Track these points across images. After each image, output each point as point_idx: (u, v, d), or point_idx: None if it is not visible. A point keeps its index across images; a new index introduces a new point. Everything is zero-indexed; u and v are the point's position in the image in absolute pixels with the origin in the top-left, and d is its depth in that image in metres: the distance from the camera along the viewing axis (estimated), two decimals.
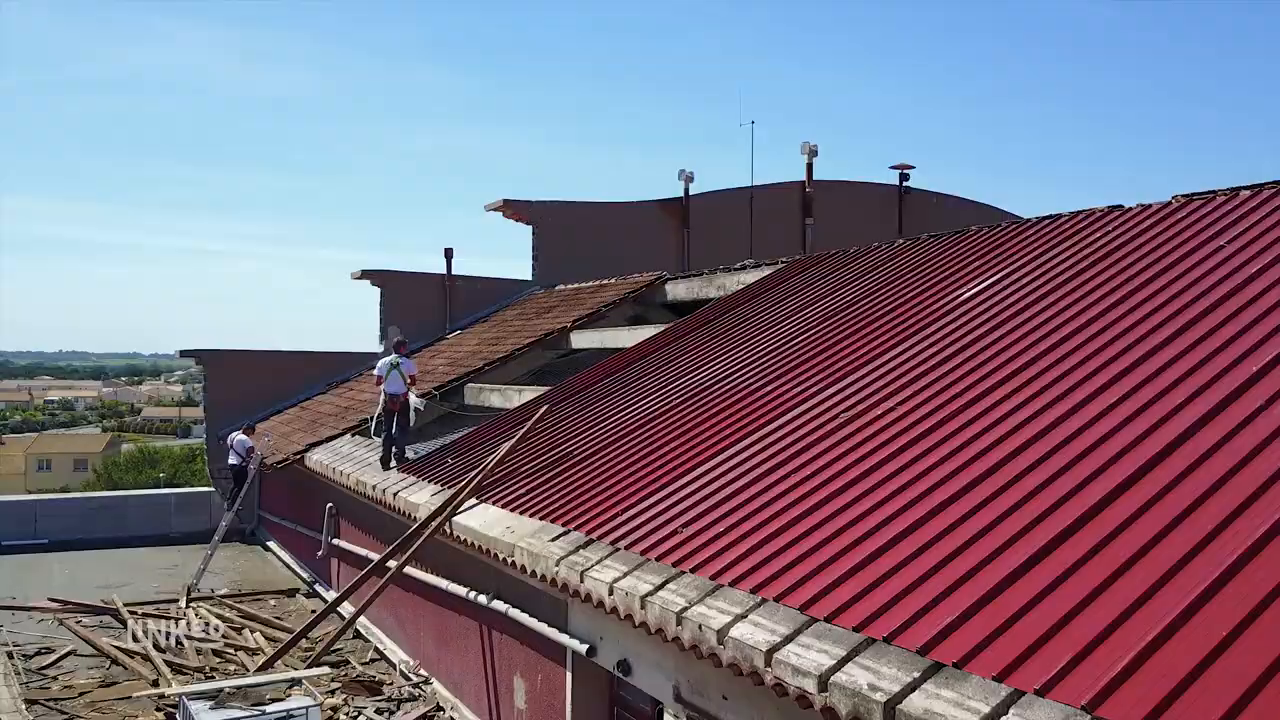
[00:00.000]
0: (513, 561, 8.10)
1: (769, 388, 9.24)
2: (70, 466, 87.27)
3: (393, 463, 12.53)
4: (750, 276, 15.42)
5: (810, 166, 27.03)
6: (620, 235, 24.42)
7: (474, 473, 10.11)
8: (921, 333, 9.04)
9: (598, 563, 6.98)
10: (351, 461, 13.87)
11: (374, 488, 12.00)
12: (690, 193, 25.90)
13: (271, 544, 19.32)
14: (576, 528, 7.76)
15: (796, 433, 7.81)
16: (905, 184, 28.38)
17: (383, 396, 12.71)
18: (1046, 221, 10.78)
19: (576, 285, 21.77)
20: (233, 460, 17.57)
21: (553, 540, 7.76)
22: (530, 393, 14.34)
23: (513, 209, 23.74)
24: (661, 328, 14.90)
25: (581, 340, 17.61)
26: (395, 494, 11.22)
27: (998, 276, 9.66)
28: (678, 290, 17.98)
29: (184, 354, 22.64)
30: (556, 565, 7.31)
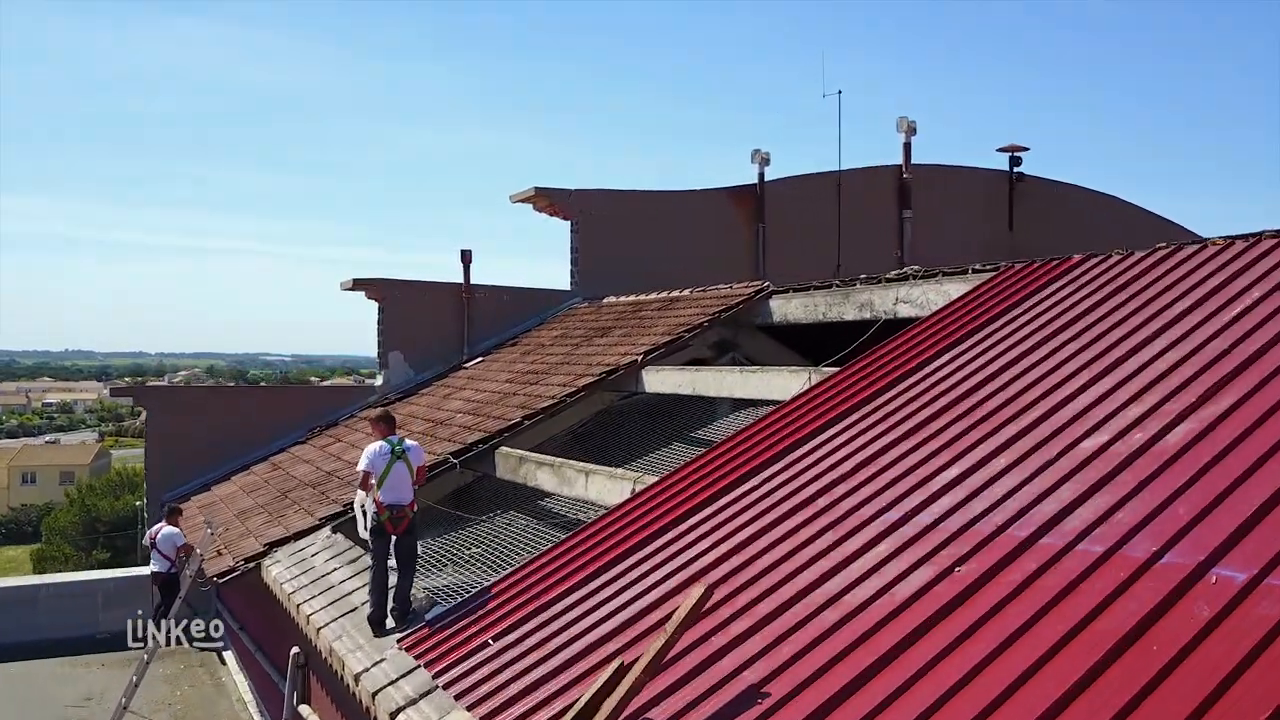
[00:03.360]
0: None
1: (1183, 561, 4.10)
2: (57, 479, 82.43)
3: (390, 621, 7.40)
4: (922, 292, 10.30)
5: (908, 146, 21.99)
6: (682, 233, 19.39)
7: (561, 702, 4.96)
8: None
9: None
10: (325, 597, 8.68)
11: (358, 679, 6.84)
12: (765, 178, 20.90)
13: (228, 656, 14.14)
14: None
15: None
16: (1017, 170, 23.30)
17: (368, 505, 7.59)
18: None
19: (635, 297, 16.63)
20: (156, 566, 12.19)
21: None
22: (605, 479, 9.18)
23: (547, 199, 18.62)
24: (799, 375, 9.78)
25: (657, 380, 12.49)
26: (395, 715, 6.06)
27: None
28: (789, 308, 12.84)
29: (116, 393, 17.51)
30: None
